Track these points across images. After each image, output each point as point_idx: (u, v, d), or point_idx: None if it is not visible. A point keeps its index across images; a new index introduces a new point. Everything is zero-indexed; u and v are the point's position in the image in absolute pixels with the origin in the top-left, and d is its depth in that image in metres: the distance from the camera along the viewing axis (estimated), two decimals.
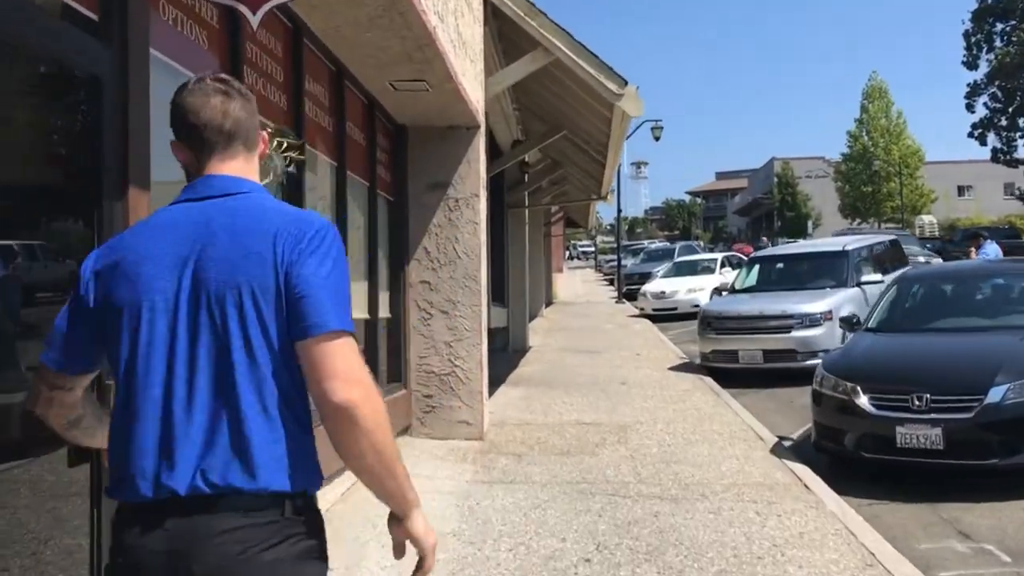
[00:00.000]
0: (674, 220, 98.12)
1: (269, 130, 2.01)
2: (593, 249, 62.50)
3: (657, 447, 7.18)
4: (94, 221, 2.95)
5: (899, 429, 5.95)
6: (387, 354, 7.26)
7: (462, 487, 6.04)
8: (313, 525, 1.71)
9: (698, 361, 12.17)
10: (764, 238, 45.25)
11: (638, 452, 7.00)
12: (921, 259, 18.47)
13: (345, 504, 5.52)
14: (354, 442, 1.62)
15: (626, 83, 8.06)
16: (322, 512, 1.78)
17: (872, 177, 49.27)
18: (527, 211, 16.00)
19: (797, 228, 53.05)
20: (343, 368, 1.60)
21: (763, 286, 12.63)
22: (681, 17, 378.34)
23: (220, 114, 1.76)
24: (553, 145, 12.91)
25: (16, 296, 2.78)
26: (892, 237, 14.94)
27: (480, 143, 7.70)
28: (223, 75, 1.88)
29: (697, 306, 19.13)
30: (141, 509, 1.62)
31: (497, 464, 6.69)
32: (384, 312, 7.10)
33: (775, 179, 61.14)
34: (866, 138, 50.52)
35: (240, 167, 1.80)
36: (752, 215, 72.34)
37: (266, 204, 1.76)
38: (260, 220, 1.70)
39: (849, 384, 6.39)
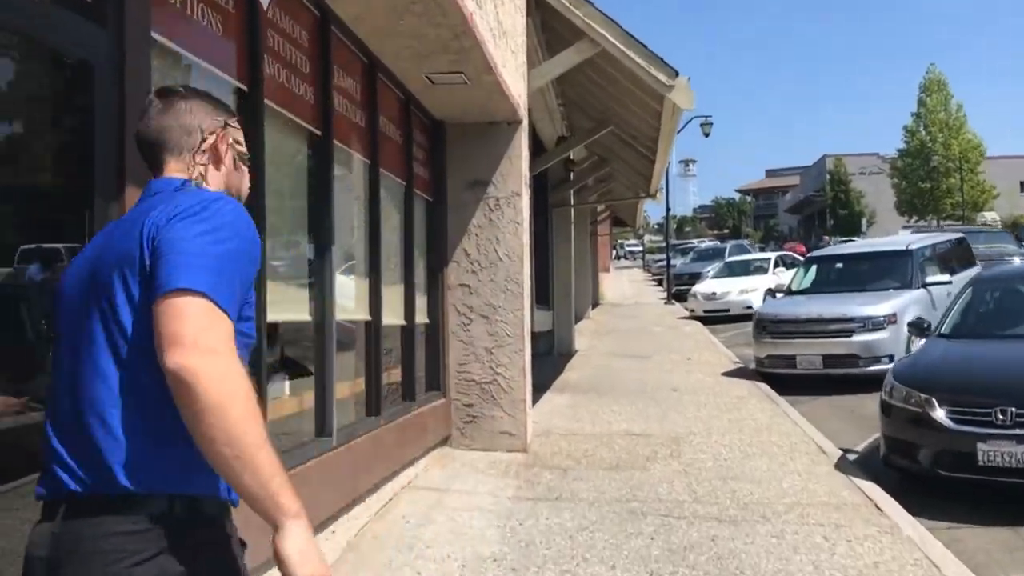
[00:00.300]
0: (723, 219, 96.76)
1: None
2: (640, 249, 61.73)
3: (712, 461, 6.73)
4: (86, 220, 2.64)
5: (981, 446, 5.42)
6: (425, 361, 6.93)
7: (504, 505, 5.66)
8: (202, 539, 1.53)
9: (752, 366, 11.64)
10: (825, 236, 43.86)
11: (692, 466, 6.56)
12: (1017, 260, 17.34)
13: (381, 522, 5.19)
14: (195, 421, 1.40)
15: (677, 74, 7.62)
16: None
17: (930, 173, 47.81)
18: (572, 210, 15.59)
19: (850, 226, 51.76)
20: (182, 330, 1.41)
21: (821, 287, 12.05)
22: (728, 7, 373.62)
23: (147, 127, 1.77)
24: (599, 141, 12.48)
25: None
26: (958, 235, 14.20)
27: (522, 139, 7.33)
28: (164, 87, 1.88)
29: (750, 307, 18.61)
30: (43, 508, 1.57)
31: (541, 479, 6.31)
32: (421, 317, 6.76)
33: (827, 176, 59.76)
34: (924, 133, 49.04)
35: (180, 168, 1.75)
36: (804, 213, 70.90)
37: (180, 193, 1.66)
38: (158, 204, 1.61)
39: (923, 395, 5.87)
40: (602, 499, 5.75)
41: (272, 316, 3.86)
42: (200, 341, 1.40)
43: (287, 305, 4.36)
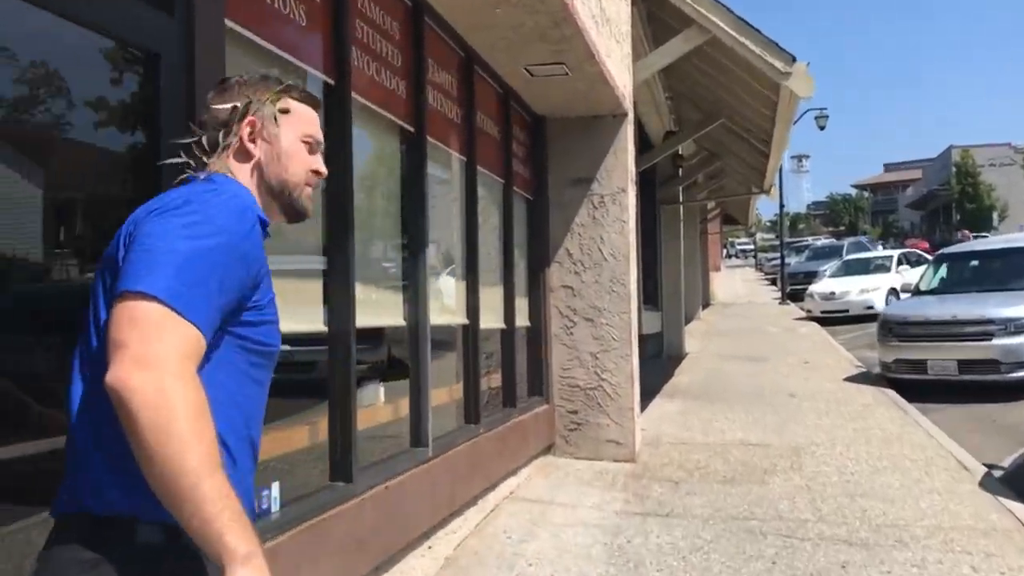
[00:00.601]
0: (839, 215, 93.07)
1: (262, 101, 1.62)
2: (752, 247, 59.99)
3: (838, 475, 6.20)
4: None
5: None
6: (527, 366, 6.65)
7: (610, 520, 5.33)
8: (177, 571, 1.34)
9: (877, 371, 10.89)
10: (965, 231, 41.04)
11: (815, 481, 6.05)
12: None
13: (480, 536, 4.94)
14: (133, 443, 1.23)
15: (794, 60, 7.11)
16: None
17: None
18: (682, 207, 15.07)
19: (979, 221, 48.78)
20: (126, 339, 1.24)
21: (953, 287, 11.19)
22: None
23: (196, 126, 1.63)
24: (710, 135, 11.96)
25: None
26: None
27: (628, 133, 6.97)
28: (224, 78, 1.71)
29: (871, 308, 17.64)
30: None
31: (651, 492, 5.94)
32: (522, 320, 6.49)
33: (953, 169, 56.54)
34: None
35: (215, 165, 1.57)
36: (927, 208, 67.33)
37: (187, 186, 1.49)
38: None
39: None
40: (717, 516, 5.34)
41: (362, 321, 3.65)
42: (143, 352, 1.23)
43: (379, 309, 4.16)
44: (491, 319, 5.77)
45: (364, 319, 3.68)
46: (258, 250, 1.44)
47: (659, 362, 12.62)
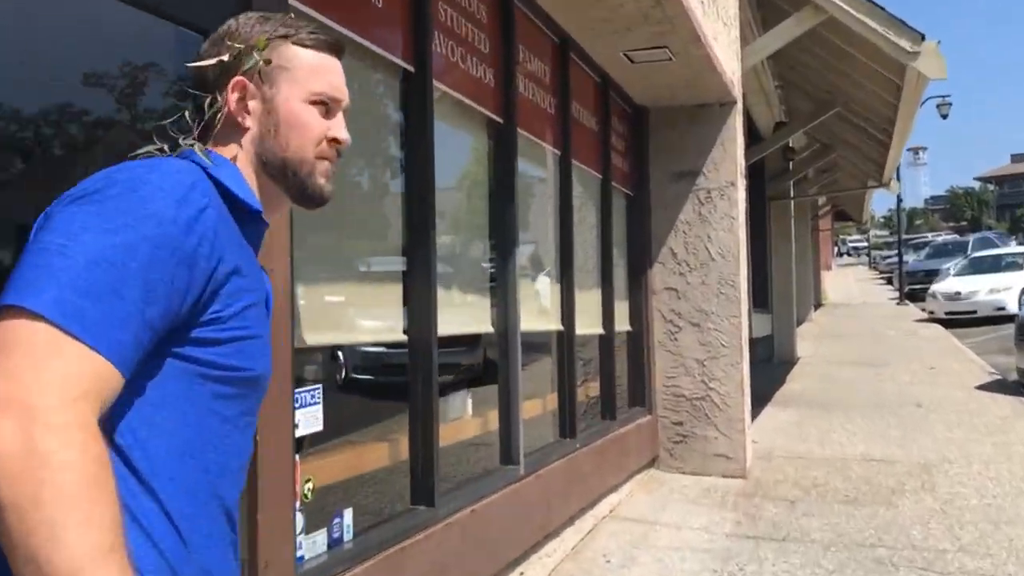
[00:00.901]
0: (960, 210, 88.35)
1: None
2: (866, 244, 57.49)
3: (977, 498, 5.56)
4: None
5: None
6: (628, 374, 6.25)
7: (720, 543, 4.88)
8: None
9: (1014, 378, 9.98)
10: None
11: (951, 504, 5.43)
12: None
13: (577, 560, 4.58)
14: None
15: (923, 38, 6.46)
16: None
17: None
18: (792, 203, 14.31)
19: None
20: None
21: None
22: None
23: None
24: (823, 125, 11.23)
25: None
26: None
27: (736, 122, 6.47)
28: None
29: (1002, 309, 16.44)
30: None
31: (764, 512, 5.44)
32: (623, 325, 6.09)
33: None
34: None
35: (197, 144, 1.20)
36: None
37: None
38: None
39: None
40: (840, 542, 4.82)
41: (446, 328, 3.34)
42: (9, 392, 0.87)
43: (464, 314, 3.85)
44: (588, 324, 5.39)
45: (447, 326, 3.37)
46: (213, 244, 1.06)
47: (769, 367, 11.96)
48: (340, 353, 3.19)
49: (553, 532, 4.39)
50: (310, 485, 2.52)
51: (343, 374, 3.35)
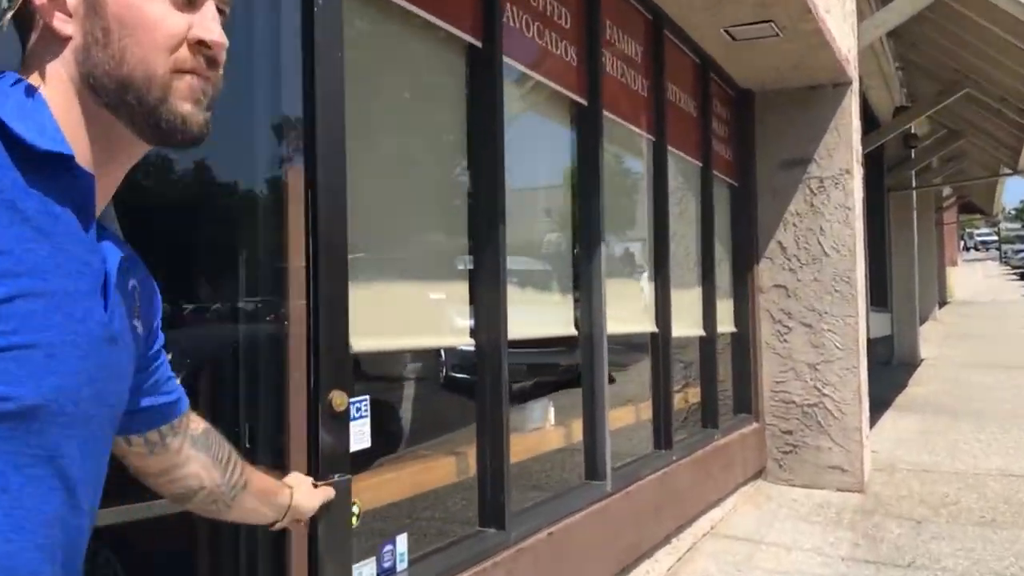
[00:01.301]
0: None
1: None
2: (995, 238, 54.21)
3: None
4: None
5: None
6: (731, 379, 5.78)
7: (835, 568, 4.38)
8: None
9: None
10: None
11: None
12: None
13: None
14: None
15: None
16: None
17: None
18: (914, 194, 13.37)
19: None
20: None
21: None
22: None
23: None
24: (949, 109, 10.36)
25: None
26: None
27: (852, 105, 5.91)
28: None
29: None
30: None
31: (886, 533, 4.90)
32: (725, 326, 5.62)
33: None
34: None
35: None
36: None
37: None
38: None
39: None
40: (976, 571, 4.26)
41: (518, 331, 3.02)
42: None
43: (541, 315, 3.51)
44: (686, 325, 4.97)
45: (520, 328, 3.04)
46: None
47: (889, 370, 11.16)
48: (442, 352, 3.06)
49: (646, 553, 4.00)
50: (356, 508, 2.23)
51: (443, 372, 3.23)
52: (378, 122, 2.60)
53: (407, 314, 2.65)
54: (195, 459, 1.18)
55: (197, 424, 1.20)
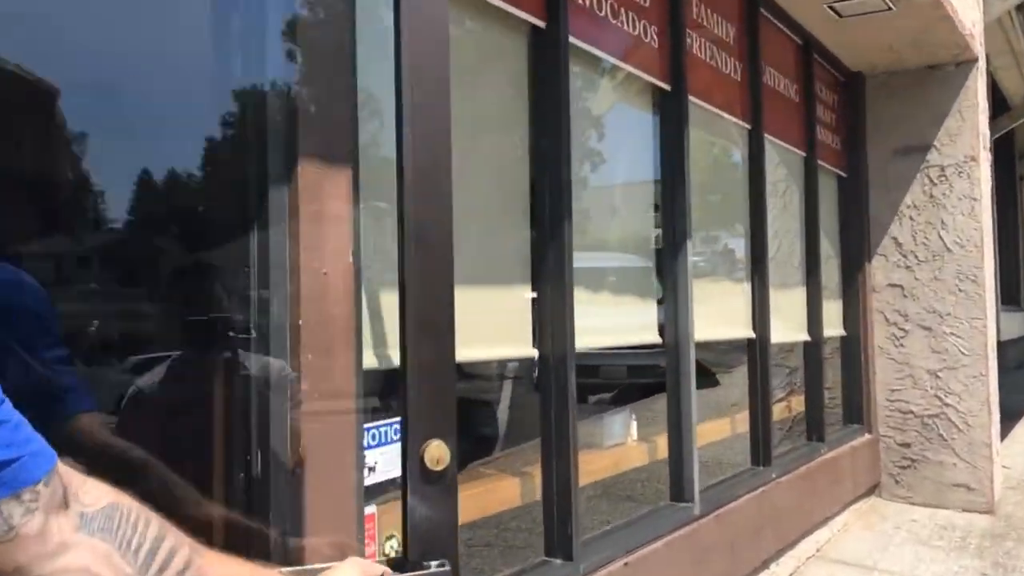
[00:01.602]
0: None
1: None
2: None
3: None
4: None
5: None
6: (840, 387, 5.32)
7: None
8: None
9: None
10: None
11: None
12: None
13: None
14: None
15: None
16: None
17: None
18: None
19: None
20: None
21: None
22: None
23: None
24: None
25: None
26: None
27: (978, 85, 5.35)
28: None
29: None
30: None
31: (1019, 562, 4.37)
32: (832, 329, 5.17)
33: None
34: None
35: None
36: None
37: None
38: None
39: None
40: None
41: (587, 341, 2.73)
42: None
43: (616, 323, 3.21)
44: (788, 329, 4.56)
45: (590, 337, 2.76)
46: None
47: (1021, 375, 10.28)
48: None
49: (760, 567, 3.65)
50: (393, 543, 2.00)
51: (536, 374, 2.92)
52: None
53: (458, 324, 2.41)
54: (83, 547, 0.83)
55: (95, 495, 0.86)
